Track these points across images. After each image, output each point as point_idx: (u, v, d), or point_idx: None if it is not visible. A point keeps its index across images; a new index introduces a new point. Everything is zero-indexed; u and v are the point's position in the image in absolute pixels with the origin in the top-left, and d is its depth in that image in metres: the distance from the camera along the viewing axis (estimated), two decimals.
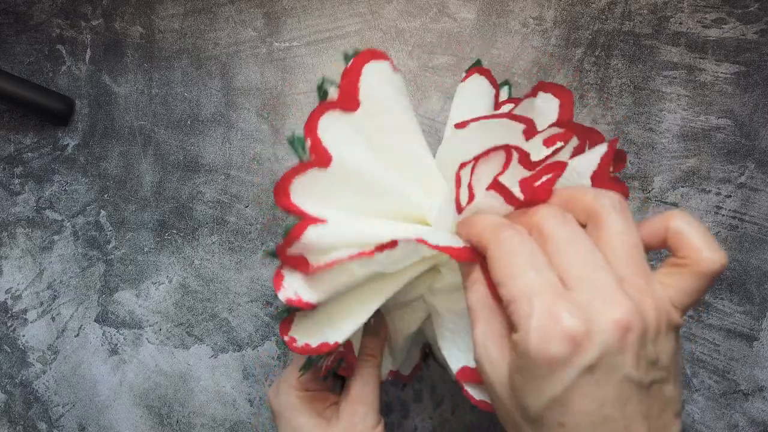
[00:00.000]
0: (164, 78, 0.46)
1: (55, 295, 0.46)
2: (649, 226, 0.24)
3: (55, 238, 0.46)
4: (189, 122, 0.46)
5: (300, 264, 0.28)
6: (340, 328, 0.30)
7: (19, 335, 0.46)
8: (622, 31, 0.42)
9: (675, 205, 0.42)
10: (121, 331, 0.46)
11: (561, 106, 0.30)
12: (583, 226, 0.24)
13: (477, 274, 0.26)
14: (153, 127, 0.46)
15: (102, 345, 0.46)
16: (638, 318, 0.21)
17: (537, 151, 0.28)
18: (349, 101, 0.29)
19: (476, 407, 0.36)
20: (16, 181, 0.47)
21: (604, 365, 0.21)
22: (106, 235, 0.46)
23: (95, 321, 0.46)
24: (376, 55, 0.30)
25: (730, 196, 0.42)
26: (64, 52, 0.47)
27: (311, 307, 0.29)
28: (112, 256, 0.46)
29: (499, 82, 0.34)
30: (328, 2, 0.45)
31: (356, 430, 0.33)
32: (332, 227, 0.28)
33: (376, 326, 0.35)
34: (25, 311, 0.46)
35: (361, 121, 0.30)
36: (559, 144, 0.28)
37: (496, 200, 0.26)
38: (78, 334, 0.46)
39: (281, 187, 0.27)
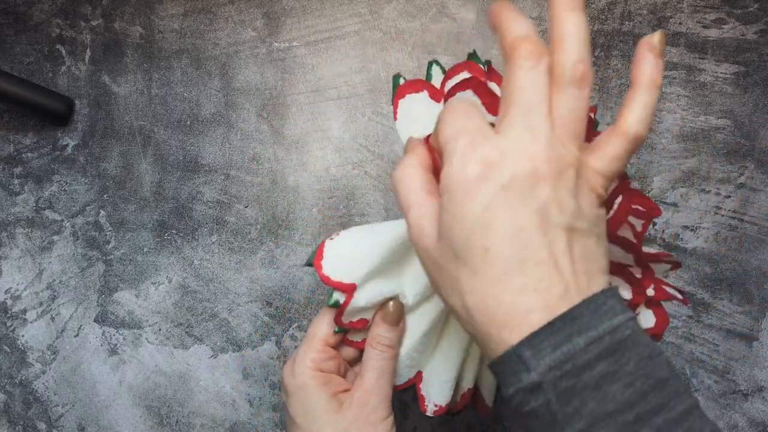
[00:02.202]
0: (164, 78, 0.46)
1: (55, 295, 0.46)
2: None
3: (55, 238, 0.46)
4: (189, 122, 0.46)
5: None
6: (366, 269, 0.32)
7: (19, 335, 0.46)
8: (622, 31, 0.43)
9: (675, 205, 0.42)
10: (120, 332, 0.46)
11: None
12: None
13: (418, 151, 0.27)
14: (153, 127, 0.46)
15: (101, 345, 0.46)
16: (551, 168, 0.23)
17: None
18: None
19: (475, 409, 0.36)
20: (16, 181, 0.47)
21: (517, 189, 0.22)
22: (106, 235, 0.46)
23: (95, 321, 0.46)
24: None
25: (730, 196, 0.42)
26: (63, 52, 0.47)
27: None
28: (112, 256, 0.46)
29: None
30: (328, 2, 0.45)
31: (368, 420, 0.33)
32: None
33: (394, 314, 0.34)
34: (24, 311, 0.46)
35: None
36: None
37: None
38: (77, 334, 0.46)
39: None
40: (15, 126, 0.47)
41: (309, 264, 0.32)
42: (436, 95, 0.34)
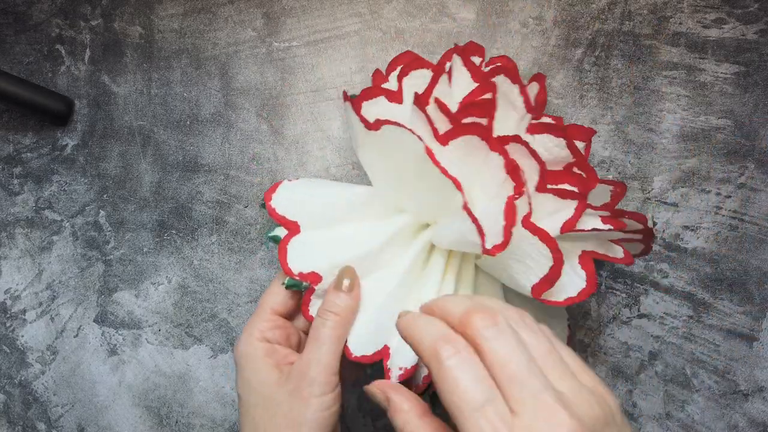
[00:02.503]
0: (163, 78, 0.46)
1: (54, 296, 0.46)
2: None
3: (54, 238, 0.46)
4: (188, 122, 0.46)
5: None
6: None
7: (18, 335, 0.46)
8: (622, 31, 0.42)
9: (675, 205, 0.42)
10: (120, 332, 0.46)
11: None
12: None
13: (404, 404, 0.26)
14: (152, 127, 0.46)
15: (101, 345, 0.46)
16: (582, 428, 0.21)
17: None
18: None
19: None
20: (15, 181, 0.47)
21: None
22: (105, 235, 0.46)
23: (94, 321, 0.46)
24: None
25: (730, 196, 0.42)
26: (63, 52, 0.47)
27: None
28: (111, 256, 0.46)
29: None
30: (328, 2, 0.45)
31: (302, 396, 0.30)
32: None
33: (339, 279, 0.32)
34: (24, 311, 0.46)
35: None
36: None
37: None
38: (77, 335, 0.46)
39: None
40: (14, 126, 0.47)
41: (260, 201, 0.34)
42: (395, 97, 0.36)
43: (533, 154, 0.30)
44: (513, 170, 0.30)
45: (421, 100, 0.31)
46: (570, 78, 0.43)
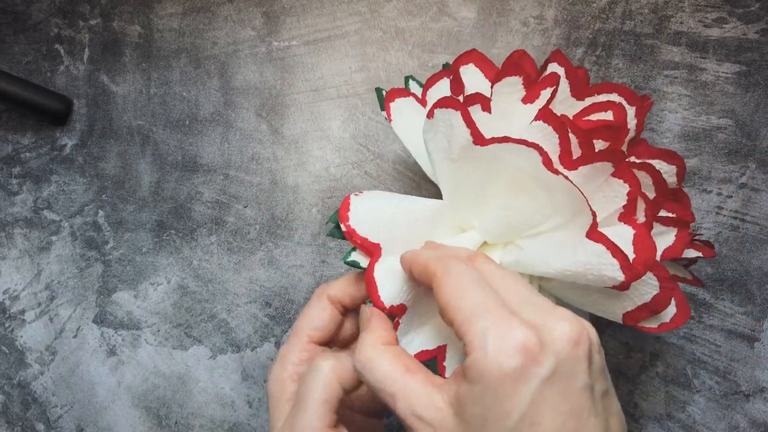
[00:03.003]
0: (163, 77, 0.46)
1: (53, 296, 0.46)
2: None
3: (53, 238, 0.46)
4: (187, 122, 0.46)
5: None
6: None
7: (17, 336, 0.46)
8: (623, 30, 0.42)
9: None
10: (119, 332, 0.45)
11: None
12: None
13: (374, 325, 0.26)
14: (151, 126, 0.46)
15: (100, 346, 0.45)
16: (585, 331, 0.22)
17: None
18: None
19: None
20: (14, 181, 0.47)
21: (563, 375, 0.21)
22: (104, 235, 0.46)
23: (93, 322, 0.46)
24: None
25: (731, 196, 0.41)
26: (62, 51, 0.47)
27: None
28: (110, 256, 0.46)
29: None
30: (328, 1, 0.45)
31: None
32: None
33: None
34: (23, 312, 0.46)
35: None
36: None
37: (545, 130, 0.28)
38: (76, 335, 0.46)
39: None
40: (13, 126, 0.47)
41: (334, 221, 0.30)
42: (421, 103, 0.35)
43: (657, 181, 0.29)
44: (634, 199, 0.28)
45: (548, 116, 0.28)
46: None
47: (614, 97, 0.31)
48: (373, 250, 0.30)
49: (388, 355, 0.24)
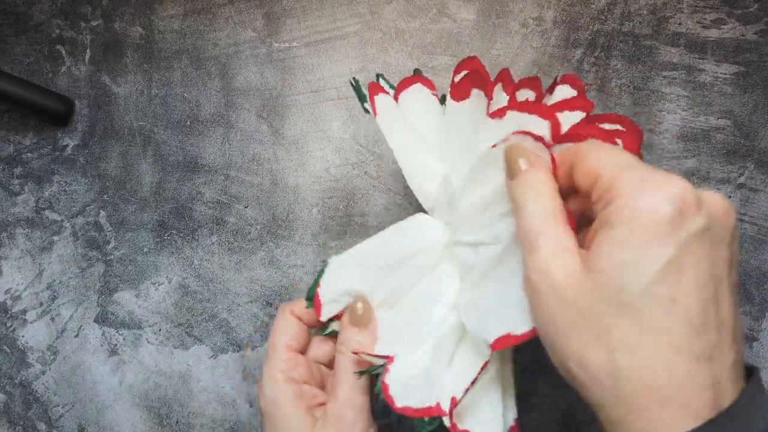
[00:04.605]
0: (164, 78, 0.46)
1: (55, 296, 0.46)
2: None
3: (55, 238, 0.46)
4: (188, 123, 0.46)
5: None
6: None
7: (19, 336, 0.46)
8: (622, 31, 0.42)
9: None
10: (120, 332, 0.46)
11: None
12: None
13: (543, 163, 0.24)
14: (152, 127, 0.46)
15: (101, 345, 0.46)
16: (734, 208, 0.21)
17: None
18: None
19: None
20: (16, 181, 0.47)
21: (714, 237, 0.20)
22: (106, 235, 0.46)
23: (95, 321, 0.46)
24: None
25: (730, 196, 0.42)
26: (63, 52, 0.47)
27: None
28: (112, 256, 0.46)
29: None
30: (328, 3, 0.45)
31: None
32: None
33: (363, 314, 0.30)
34: (24, 312, 0.46)
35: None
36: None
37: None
38: (77, 335, 0.46)
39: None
40: (15, 126, 0.47)
41: (309, 298, 0.32)
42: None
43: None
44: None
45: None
46: None
47: (621, 128, 0.30)
48: (387, 359, 0.30)
49: (552, 196, 0.23)
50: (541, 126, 0.26)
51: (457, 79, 0.31)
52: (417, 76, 0.34)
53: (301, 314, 0.33)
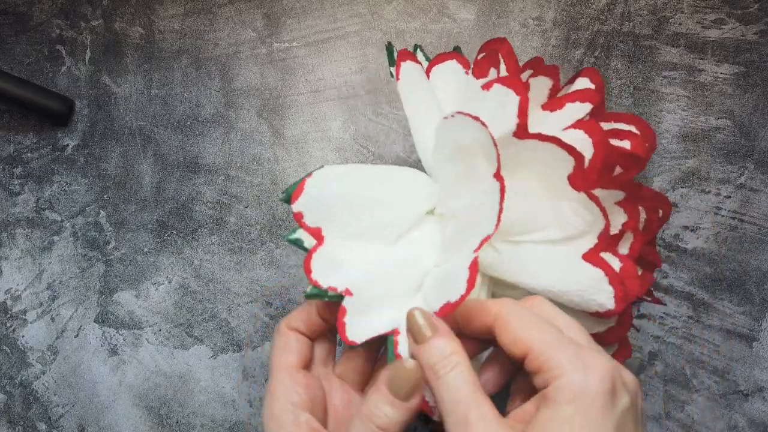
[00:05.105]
0: (164, 78, 0.46)
1: (55, 296, 0.46)
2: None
3: (55, 238, 0.46)
4: (189, 123, 0.46)
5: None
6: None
7: (19, 336, 0.46)
8: (622, 31, 0.43)
9: (675, 205, 0.42)
10: (120, 332, 0.46)
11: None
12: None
13: (456, 355, 0.25)
14: (153, 127, 0.46)
15: (102, 345, 0.46)
16: (640, 384, 0.24)
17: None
18: None
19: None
20: (16, 181, 0.47)
21: (633, 411, 0.23)
22: (106, 235, 0.46)
23: (95, 321, 0.46)
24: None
25: (730, 196, 0.42)
26: (63, 52, 0.47)
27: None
28: (112, 256, 0.46)
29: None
30: (328, 3, 0.45)
31: None
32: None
33: (406, 379, 0.26)
34: (24, 312, 0.46)
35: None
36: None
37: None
38: (77, 335, 0.46)
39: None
40: (15, 126, 0.47)
41: (287, 199, 0.29)
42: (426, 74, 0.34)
43: (651, 220, 0.30)
44: (624, 232, 0.28)
45: (592, 130, 0.27)
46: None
47: (634, 129, 0.30)
48: (316, 235, 0.29)
49: (467, 371, 0.25)
50: (512, 100, 0.26)
51: (480, 57, 0.33)
52: (454, 53, 0.34)
53: (298, 325, 0.31)
